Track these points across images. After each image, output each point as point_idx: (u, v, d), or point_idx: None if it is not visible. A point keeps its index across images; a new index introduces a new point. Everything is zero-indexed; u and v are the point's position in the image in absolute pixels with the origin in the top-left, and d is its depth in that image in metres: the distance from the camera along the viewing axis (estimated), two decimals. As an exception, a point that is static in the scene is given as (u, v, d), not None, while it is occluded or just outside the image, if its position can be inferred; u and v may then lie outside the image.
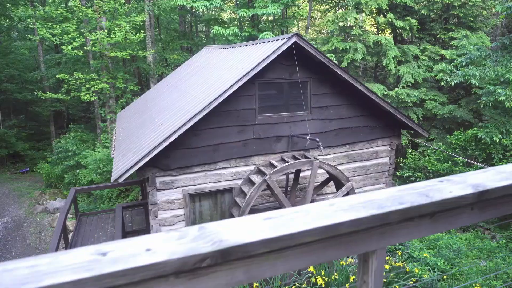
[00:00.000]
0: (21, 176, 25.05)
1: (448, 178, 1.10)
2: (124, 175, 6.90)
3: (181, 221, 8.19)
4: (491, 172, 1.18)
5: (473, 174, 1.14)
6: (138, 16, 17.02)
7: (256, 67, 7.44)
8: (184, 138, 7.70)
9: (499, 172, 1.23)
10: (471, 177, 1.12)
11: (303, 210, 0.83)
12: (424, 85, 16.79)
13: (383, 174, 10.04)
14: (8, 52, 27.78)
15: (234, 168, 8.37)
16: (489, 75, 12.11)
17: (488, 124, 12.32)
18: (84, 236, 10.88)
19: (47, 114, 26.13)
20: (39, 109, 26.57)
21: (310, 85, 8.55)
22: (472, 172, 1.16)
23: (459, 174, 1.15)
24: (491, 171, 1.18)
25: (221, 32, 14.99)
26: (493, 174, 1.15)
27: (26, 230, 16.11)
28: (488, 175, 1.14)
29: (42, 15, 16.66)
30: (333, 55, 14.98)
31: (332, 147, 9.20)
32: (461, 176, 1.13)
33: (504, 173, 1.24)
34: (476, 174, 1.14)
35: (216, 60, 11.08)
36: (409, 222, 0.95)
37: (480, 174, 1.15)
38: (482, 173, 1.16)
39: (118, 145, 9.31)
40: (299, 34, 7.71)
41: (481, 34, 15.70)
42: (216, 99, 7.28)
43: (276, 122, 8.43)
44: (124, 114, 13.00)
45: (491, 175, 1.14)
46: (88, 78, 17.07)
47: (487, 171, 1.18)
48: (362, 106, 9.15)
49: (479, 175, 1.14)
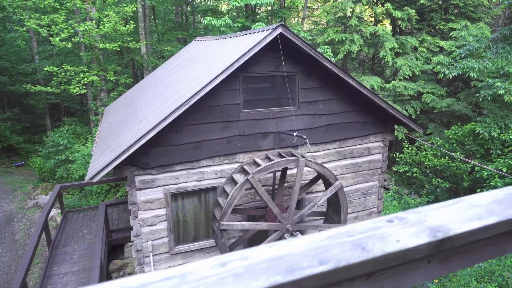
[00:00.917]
0: (16, 169, 24.78)
1: (401, 216, 0.86)
2: (98, 174, 6.56)
3: (162, 221, 7.87)
4: (459, 206, 0.91)
5: (435, 210, 0.89)
6: (128, 7, 16.51)
7: (239, 60, 7.04)
8: (164, 135, 7.34)
9: (471, 207, 0.91)
10: (432, 214, 0.87)
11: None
12: (422, 78, 16.32)
13: (376, 171, 9.68)
14: (1, 43, 27.32)
15: (218, 166, 8.02)
16: (488, 67, 11.66)
17: (487, 119, 11.90)
18: (68, 234, 10.61)
19: (42, 107, 25.78)
20: (33, 101, 26.21)
21: (298, 79, 8.15)
22: (434, 206, 0.90)
23: (417, 209, 0.89)
24: (460, 204, 0.92)
25: (212, 23, 14.53)
26: (462, 210, 0.89)
27: (16, 225, 15.87)
28: (455, 211, 0.89)
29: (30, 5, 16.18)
30: (329, 47, 14.51)
31: (321, 144, 8.82)
32: (418, 213, 0.87)
33: (477, 208, 0.91)
34: (439, 210, 0.88)
35: (204, 53, 10.67)
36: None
37: (445, 210, 0.89)
38: (448, 208, 0.90)
39: (100, 141, 8.97)
40: (285, 25, 7.28)
41: (481, 25, 15.17)
42: (196, 94, 6.90)
43: (262, 118, 8.05)
44: (111, 108, 12.63)
45: (458, 211, 0.89)
46: (78, 70, 16.65)
47: (455, 203, 0.93)
48: (353, 101, 8.75)
49: (443, 211, 0.88)
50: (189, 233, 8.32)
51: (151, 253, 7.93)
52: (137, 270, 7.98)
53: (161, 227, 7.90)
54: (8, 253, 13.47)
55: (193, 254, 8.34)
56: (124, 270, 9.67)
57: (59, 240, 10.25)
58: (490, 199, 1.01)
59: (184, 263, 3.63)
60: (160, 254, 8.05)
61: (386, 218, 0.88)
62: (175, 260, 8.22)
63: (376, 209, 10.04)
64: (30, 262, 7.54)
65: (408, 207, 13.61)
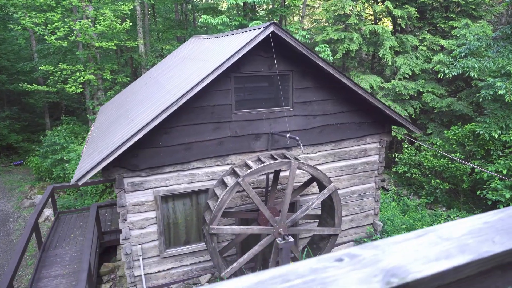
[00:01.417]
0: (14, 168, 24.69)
1: (354, 253, 0.71)
2: (84, 177, 6.39)
3: (152, 224, 7.70)
4: (426, 239, 0.75)
5: (396, 245, 0.73)
6: (124, 5, 16.33)
7: (229, 59, 6.85)
8: (153, 136, 7.17)
9: (440, 240, 0.75)
10: (391, 250, 0.72)
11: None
12: (422, 77, 16.06)
13: (372, 173, 9.47)
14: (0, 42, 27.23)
15: (210, 168, 7.83)
16: (489, 66, 11.40)
17: (487, 119, 11.64)
18: (60, 236, 10.46)
19: (41, 105, 25.70)
20: (32, 100, 26.13)
21: (291, 79, 7.95)
22: (396, 239, 0.75)
23: (376, 243, 0.74)
24: (427, 236, 0.77)
25: (209, 21, 14.32)
26: (428, 245, 0.73)
27: (11, 225, 15.76)
28: (419, 246, 0.73)
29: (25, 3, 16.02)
30: (327, 46, 14.28)
31: (316, 145, 8.62)
32: (375, 249, 0.72)
33: (447, 243, 0.75)
34: (401, 245, 0.73)
35: (198, 52, 10.47)
36: None
37: (408, 245, 0.73)
38: (412, 242, 0.74)
39: (90, 142, 8.80)
40: (277, 23, 7.08)
41: (483, 23, 14.88)
42: (184, 95, 6.71)
43: (255, 119, 7.86)
44: (105, 108, 12.46)
45: (424, 246, 0.73)
46: (74, 69, 16.50)
47: (422, 235, 0.77)
48: (348, 101, 8.54)
49: (406, 246, 0.73)
50: (180, 236, 8.15)
51: (141, 257, 7.77)
52: (127, 273, 7.81)
53: (151, 230, 7.73)
54: (1, 254, 13.35)
55: (185, 257, 8.17)
56: (116, 273, 9.51)
57: (50, 242, 10.10)
58: (464, 229, 0.83)
59: (175, 267, 3.37)
60: (150, 257, 7.89)
61: (336, 256, 0.71)
62: (166, 263, 8.05)
63: (373, 212, 9.84)
64: (17, 265, 7.38)
65: (407, 209, 13.38)
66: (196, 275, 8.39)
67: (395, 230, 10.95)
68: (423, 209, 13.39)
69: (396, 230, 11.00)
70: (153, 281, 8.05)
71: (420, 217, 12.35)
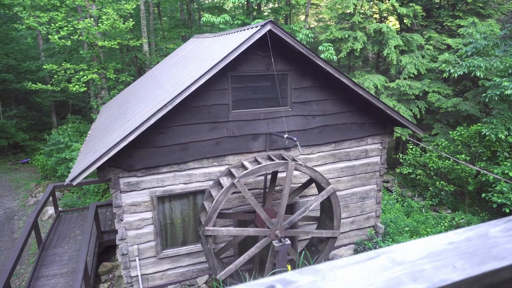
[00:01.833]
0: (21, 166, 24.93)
1: (289, 279, 0.63)
2: (78, 177, 6.35)
3: (149, 225, 7.64)
4: (376, 263, 0.67)
5: (340, 270, 0.65)
6: (128, 4, 16.33)
7: (225, 58, 6.74)
8: (149, 136, 7.10)
9: (391, 265, 0.67)
10: (333, 277, 0.63)
11: None
12: (428, 77, 15.79)
13: (374, 174, 9.30)
14: (8, 41, 27.52)
15: (207, 169, 7.74)
16: (496, 66, 11.13)
17: (494, 120, 11.37)
18: (60, 235, 10.47)
19: (48, 104, 25.92)
20: (39, 99, 26.37)
21: (290, 78, 7.82)
22: (341, 263, 0.67)
23: (317, 267, 0.65)
24: (379, 259, 0.68)
25: (211, 20, 14.24)
26: (377, 270, 0.65)
27: (16, 223, 15.88)
28: (366, 272, 0.64)
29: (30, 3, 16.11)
30: (331, 45, 14.09)
31: (316, 146, 8.48)
32: (315, 274, 0.64)
33: (399, 268, 0.67)
34: (345, 270, 0.65)
35: (198, 50, 10.39)
36: None
37: (353, 270, 0.65)
38: (359, 266, 0.66)
39: (88, 141, 8.77)
40: (274, 22, 6.95)
41: (491, 22, 14.56)
42: (179, 95, 6.62)
43: (253, 119, 7.74)
44: (106, 107, 12.46)
45: (371, 272, 0.64)
46: (77, 68, 16.55)
47: (373, 258, 0.69)
48: (349, 101, 8.38)
49: (351, 271, 0.65)
50: (177, 237, 8.08)
51: (137, 257, 7.72)
52: (123, 274, 7.77)
53: (147, 230, 7.67)
54: (5, 251, 13.44)
55: (182, 258, 8.10)
56: (114, 272, 9.48)
57: (50, 241, 10.12)
58: (423, 251, 0.73)
59: (172, 268, 3.25)
60: (146, 258, 7.83)
61: (268, 282, 0.62)
62: (163, 264, 7.99)
63: (374, 214, 9.67)
64: (15, 263, 7.38)
65: (411, 211, 13.16)
66: (194, 276, 8.31)
67: (398, 232, 10.76)
68: (428, 211, 13.15)
69: (399, 232, 10.81)
70: (150, 282, 7.99)
71: (424, 219, 12.13)
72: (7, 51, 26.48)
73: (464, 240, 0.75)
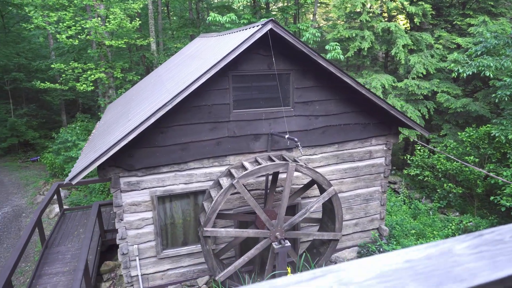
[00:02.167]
0: (31, 164, 25.28)
1: None
2: (78, 176, 6.35)
3: (149, 225, 7.62)
4: (321, 283, 0.62)
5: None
6: (135, 3, 16.38)
7: (226, 58, 6.67)
8: (149, 135, 7.07)
9: (336, 286, 0.61)
10: None
11: None
12: (437, 76, 15.49)
13: (378, 176, 9.13)
14: (20, 40, 27.92)
15: (207, 169, 7.69)
16: (506, 65, 10.85)
17: (504, 121, 11.08)
18: (64, 233, 10.54)
19: (58, 103, 26.22)
20: (49, 98, 26.69)
21: (292, 78, 7.71)
22: (279, 283, 0.62)
23: (273, 282, 0.62)
24: (325, 279, 0.64)
25: (217, 19, 14.19)
26: None
27: (23, 221, 16.07)
28: None
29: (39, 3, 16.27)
30: (338, 44, 13.92)
31: (318, 146, 8.36)
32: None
33: None
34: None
35: (202, 50, 10.35)
36: None
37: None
38: (303, 286, 0.61)
39: (91, 140, 8.79)
40: (275, 21, 6.86)
41: (502, 20, 14.22)
42: (179, 94, 6.57)
43: (254, 119, 7.66)
44: (111, 106, 12.50)
45: None
46: (85, 68, 16.68)
47: (319, 277, 0.65)
48: (352, 101, 8.24)
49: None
50: (178, 237, 8.04)
51: (137, 257, 7.70)
52: (124, 273, 7.76)
53: (147, 230, 7.65)
54: (12, 248, 13.61)
55: (182, 258, 8.06)
56: (116, 271, 9.50)
57: (54, 239, 10.18)
58: (373, 271, 0.66)
59: (172, 268, 3.15)
60: (147, 258, 7.81)
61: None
62: (163, 264, 7.97)
63: (378, 216, 9.50)
64: (17, 261, 7.41)
65: (418, 213, 12.93)
66: (194, 276, 8.27)
67: (404, 235, 10.56)
68: (435, 213, 12.91)
69: (404, 235, 10.61)
70: (150, 282, 7.97)
71: (431, 222, 11.90)
72: (18, 50, 26.85)
73: (424, 258, 0.67)
